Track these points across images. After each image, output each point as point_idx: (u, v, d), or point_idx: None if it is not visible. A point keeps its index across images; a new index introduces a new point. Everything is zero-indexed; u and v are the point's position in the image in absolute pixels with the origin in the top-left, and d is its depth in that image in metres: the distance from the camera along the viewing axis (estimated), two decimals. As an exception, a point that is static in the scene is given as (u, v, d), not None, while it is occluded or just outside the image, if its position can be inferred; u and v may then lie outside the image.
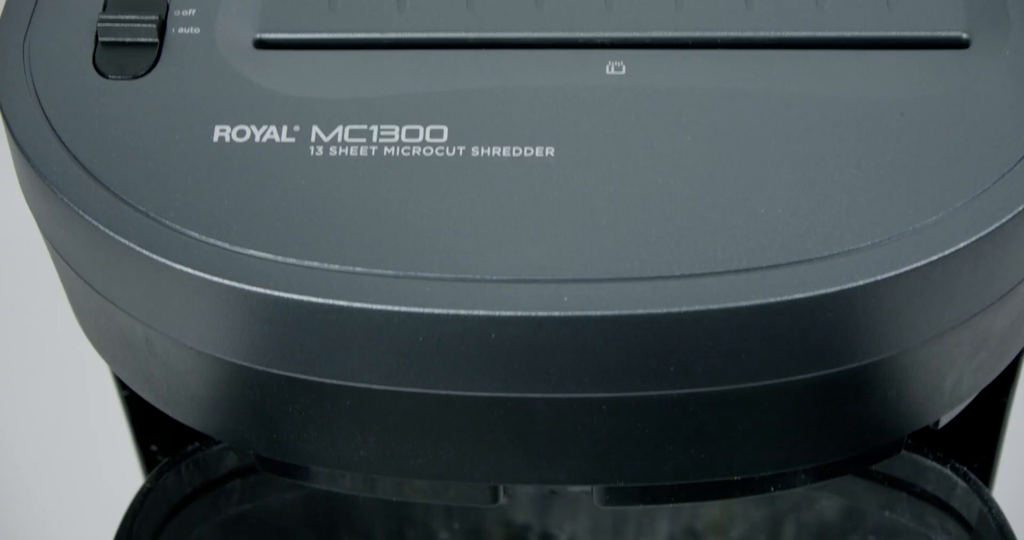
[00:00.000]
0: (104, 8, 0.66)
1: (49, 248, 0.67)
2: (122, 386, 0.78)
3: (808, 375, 0.59)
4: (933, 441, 0.78)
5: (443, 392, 0.59)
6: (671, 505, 0.86)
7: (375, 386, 0.59)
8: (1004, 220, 0.59)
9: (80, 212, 0.60)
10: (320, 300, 0.57)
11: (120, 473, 0.90)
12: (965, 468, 0.76)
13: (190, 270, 0.58)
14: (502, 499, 0.69)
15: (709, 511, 0.88)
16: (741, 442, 0.62)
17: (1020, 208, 0.59)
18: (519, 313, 0.57)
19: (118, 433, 0.85)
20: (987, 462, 0.79)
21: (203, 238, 0.59)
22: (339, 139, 0.62)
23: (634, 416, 0.60)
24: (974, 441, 0.79)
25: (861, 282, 0.57)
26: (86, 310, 0.67)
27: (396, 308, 0.57)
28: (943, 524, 0.80)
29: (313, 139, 0.62)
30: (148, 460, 0.85)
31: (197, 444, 0.79)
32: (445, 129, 0.62)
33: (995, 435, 0.78)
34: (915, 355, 0.61)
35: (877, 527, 0.84)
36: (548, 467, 0.62)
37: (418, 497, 0.68)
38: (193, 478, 0.80)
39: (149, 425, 0.81)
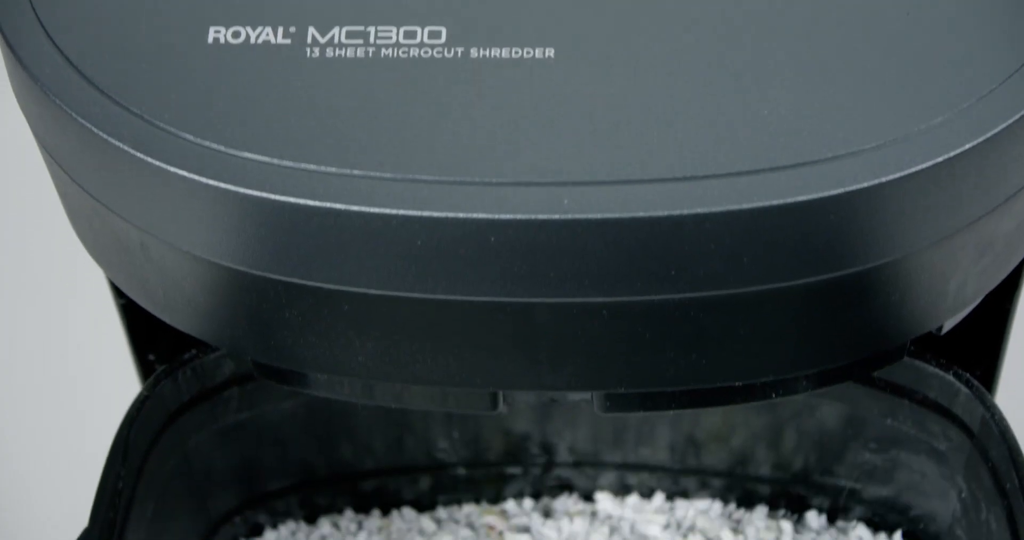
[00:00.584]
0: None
1: (43, 153, 0.66)
2: (119, 294, 0.78)
3: (811, 279, 0.59)
4: (936, 347, 0.77)
5: (442, 297, 0.59)
6: (671, 412, 0.86)
7: (373, 291, 0.59)
8: (1011, 121, 0.58)
9: (73, 115, 0.59)
10: (316, 203, 0.57)
11: (118, 382, 0.90)
12: (968, 374, 0.76)
13: (185, 173, 0.58)
14: (501, 407, 0.69)
15: (709, 420, 0.88)
16: (742, 348, 0.61)
17: (1027, 109, 0.58)
18: (519, 216, 0.56)
19: (115, 342, 0.84)
20: (990, 369, 0.79)
21: (198, 141, 0.58)
22: (335, 40, 0.61)
23: (635, 321, 0.59)
24: (977, 348, 0.78)
25: (865, 184, 0.56)
26: (81, 216, 0.67)
27: (394, 211, 0.56)
28: (945, 431, 0.80)
29: (309, 41, 0.61)
30: (146, 369, 0.85)
31: (194, 352, 0.79)
32: (443, 30, 0.61)
33: (998, 342, 0.78)
34: (919, 259, 0.60)
35: (879, 435, 0.84)
36: (548, 373, 0.62)
37: (417, 404, 0.68)
38: (190, 386, 0.80)
39: (146, 334, 0.81)
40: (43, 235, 1.14)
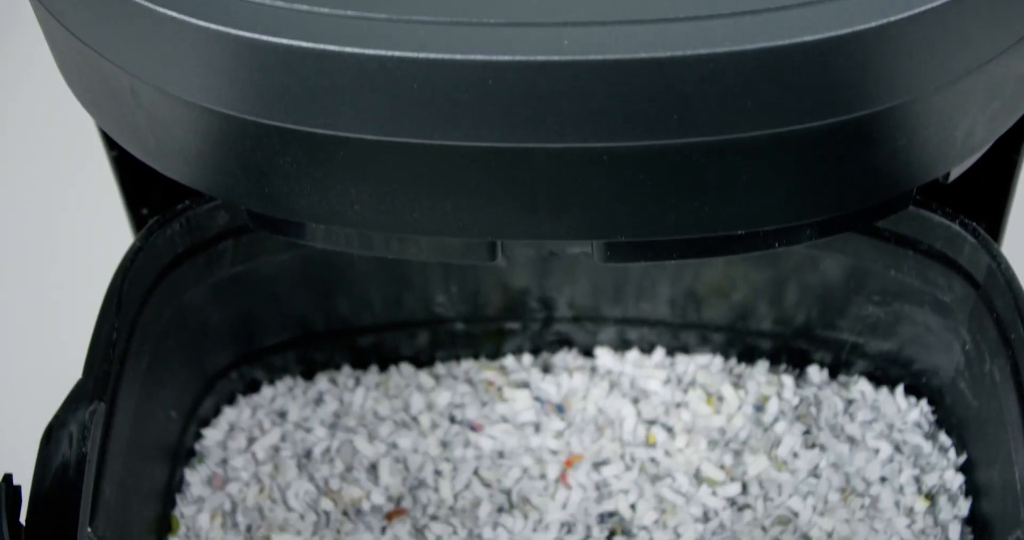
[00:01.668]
0: None
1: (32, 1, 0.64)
2: (111, 146, 0.77)
3: (816, 123, 0.57)
4: (942, 197, 0.77)
5: (439, 142, 0.57)
6: (672, 263, 0.85)
7: (369, 136, 0.58)
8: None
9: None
10: (310, 45, 0.55)
11: (111, 237, 0.89)
12: (974, 224, 0.75)
13: (175, 15, 0.56)
14: (500, 259, 0.68)
15: (710, 274, 0.87)
16: (745, 195, 0.60)
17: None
18: (517, 57, 0.55)
19: (108, 196, 0.83)
20: (996, 220, 0.78)
21: (188, -19, 0.57)
22: None
23: (636, 167, 0.58)
24: (983, 199, 0.77)
25: (873, 23, 0.55)
26: (70, 62, 0.65)
27: (389, 53, 0.55)
28: (949, 283, 0.79)
29: None
30: (139, 224, 0.84)
31: (188, 203, 0.78)
32: None
33: (1005, 192, 0.77)
34: (927, 102, 0.59)
35: (882, 287, 0.83)
36: (547, 221, 0.61)
37: (415, 254, 0.67)
38: (184, 238, 0.79)
39: (139, 187, 0.80)
40: (32, 86, 1.12)
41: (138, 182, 0.78)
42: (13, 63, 1.17)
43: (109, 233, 0.90)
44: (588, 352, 0.93)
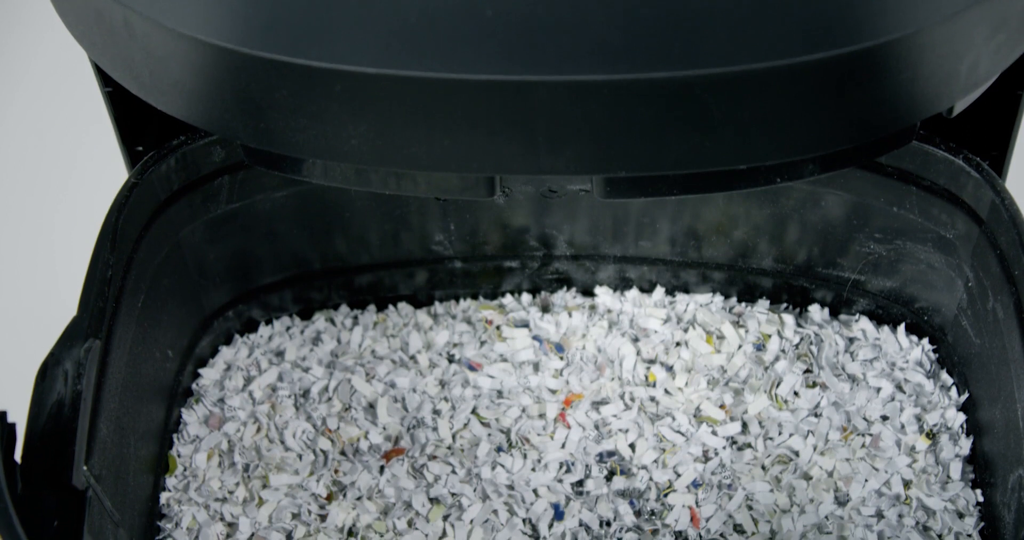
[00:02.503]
0: None
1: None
2: (105, 81, 0.76)
3: (820, 55, 0.56)
4: (945, 132, 0.76)
5: (437, 75, 0.56)
6: (673, 198, 0.85)
7: (366, 69, 0.57)
8: None
9: None
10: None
11: (106, 175, 0.88)
12: (978, 159, 0.74)
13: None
14: (499, 196, 0.68)
15: (711, 212, 0.86)
16: (747, 129, 0.59)
17: None
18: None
19: (103, 134, 0.82)
20: (1000, 157, 0.77)
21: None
22: None
23: (636, 100, 0.57)
24: (987, 134, 0.76)
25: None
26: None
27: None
28: (952, 219, 0.79)
29: None
30: (134, 162, 0.82)
31: (183, 138, 0.77)
32: None
33: (1009, 128, 0.76)
34: (932, 34, 0.58)
35: (884, 225, 0.83)
36: (547, 156, 0.60)
37: (413, 190, 0.66)
38: (179, 174, 0.78)
39: (134, 124, 0.79)
40: (27, 23, 1.11)
41: (133, 118, 0.77)
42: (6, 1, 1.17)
43: (104, 171, 0.89)
44: (587, 291, 0.92)
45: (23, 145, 1.10)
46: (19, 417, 0.64)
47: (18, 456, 0.63)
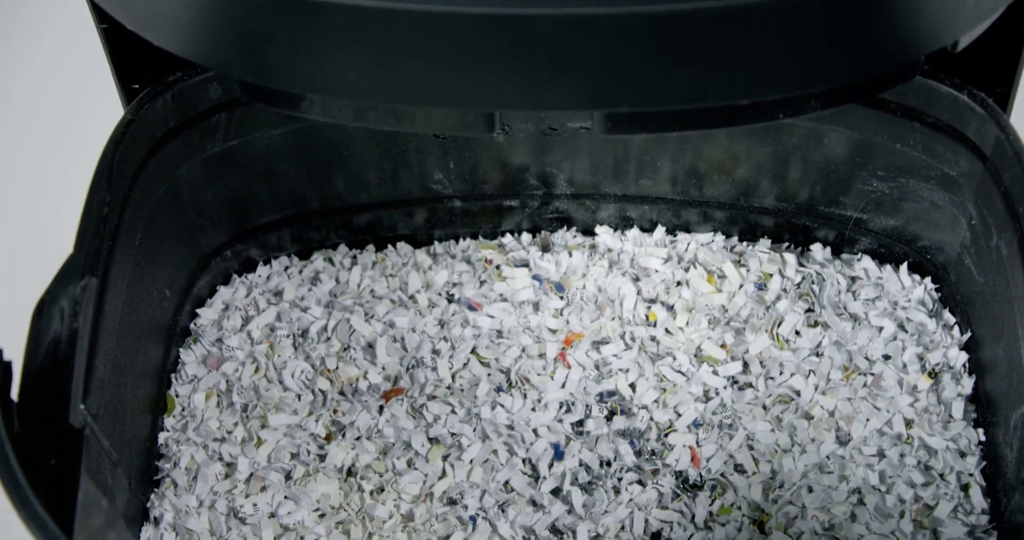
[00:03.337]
0: None
1: None
2: (101, 17, 0.75)
3: (824, -13, 0.56)
4: (950, 67, 0.75)
5: (437, 8, 0.56)
6: (674, 135, 0.84)
7: (365, 2, 0.56)
8: None
9: None
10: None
11: (102, 114, 0.88)
12: (982, 94, 0.74)
13: None
14: (498, 133, 0.67)
15: (712, 151, 0.86)
16: (749, 62, 0.59)
17: None
18: (515, -83, 0.53)
19: (100, 72, 0.82)
20: (1004, 93, 0.76)
21: None
22: None
23: (638, 34, 0.56)
24: (992, 70, 0.76)
25: None
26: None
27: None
28: (956, 156, 0.78)
29: None
30: (131, 100, 0.82)
31: (179, 74, 0.76)
32: None
33: (1013, 63, 0.75)
34: (938, -36, 0.57)
35: (887, 162, 0.82)
36: (547, 91, 0.59)
37: (412, 126, 0.66)
38: (176, 111, 0.77)
39: (130, 61, 0.78)
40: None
41: (129, 55, 0.77)
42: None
43: (100, 109, 0.89)
44: (588, 230, 0.91)
45: (19, 83, 1.10)
46: (15, 356, 0.63)
47: (15, 394, 0.62)
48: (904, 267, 0.87)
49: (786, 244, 0.90)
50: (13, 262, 0.96)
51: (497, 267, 0.89)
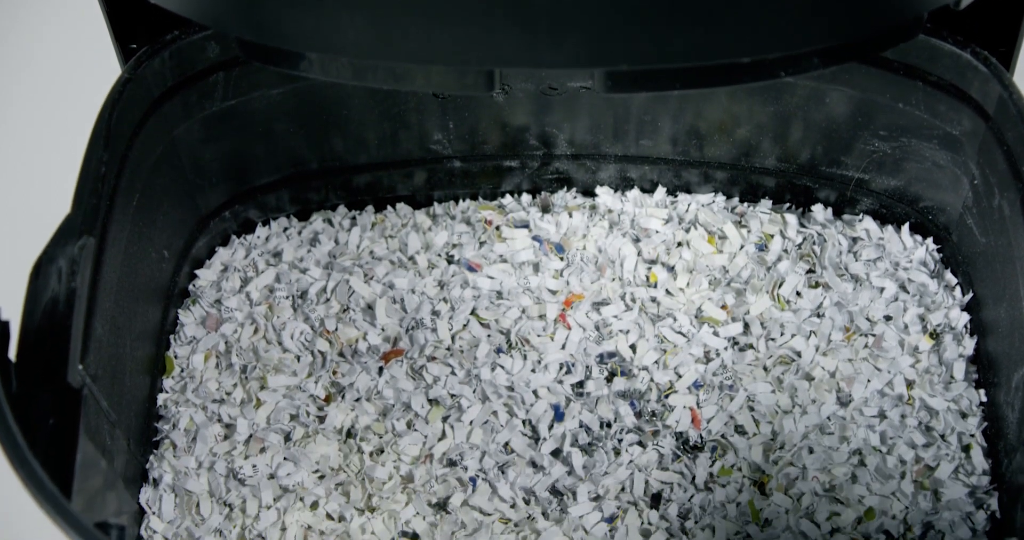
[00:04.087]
0: None
1: None
2: (96, -24, 0.74)
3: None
4: (953, 25, 0.74)
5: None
6: (675, 94, 0.83)
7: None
8: None
9: None
10: None
11: (99, 74, 0.87)
12: (986, 52, 0.73)
13: None
14: (498, 93, 0.67)
15: (713, 111, 0.85)
16: (751, 18, 0.58)
17: None
18: None
19: (97, 31, 0.81)
20: (1007, 54, 0.76)
21: None
22: None
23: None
24: (995, 29, 0.75)
25: None
26: None
27: None
28: (959, 115, 0.78)
29: None
30: (128, 60, 0.81)
31: (177, 33, 0.76)
32: None
33: (1017, 22, 0.74)
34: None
35: (889, 122, 0.82)
36: (547, 48, 0.59)
37: (411, 85, 0.65)
38: (173, 70, 0.77)
39: (127, 20, 0.77)
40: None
41: (126, 14, 0.76)
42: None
43: (97, 68, 0.88)
44: (588, 191, 0.91)
45: (16, 43, 1.09)
46: (13, 316, 0.63)
47: (13, 354, 0.62)
48: (906, 227, 0.87)
49: (787, 205, 0.90)
50: (11, 222, 0.96)
51: (497, 228, 0.89)
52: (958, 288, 0.84)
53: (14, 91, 1.06)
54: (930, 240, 0.86)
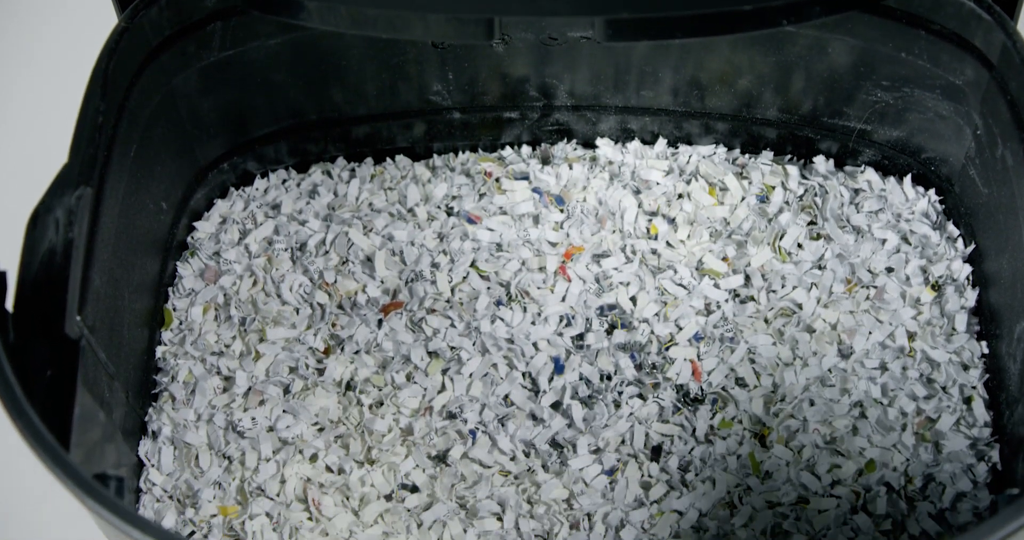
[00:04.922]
0: None
1: None
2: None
3: None
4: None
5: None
6: (676, 43, 0.83)
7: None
8: None
9: None
10: None
11: (97, 23, 0.86)
12: (989, 0, 0.72)
13: None
14: (497, 42, 0.66)
15: (714, 61, 0.84)
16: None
17: None
18: None
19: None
20: (1011, 2, 0.75)
21: None
22: None
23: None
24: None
25: None
26: None
27: None
28: (962, 65, 0.77)
29: None
30: (125, 8, 0.81)
31: (173, -19, 0.75)
32: None
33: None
34: None
35: (891, 72, 0.81)
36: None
37: (410, 33, 0.65)
38: (171, 19, 0.76)
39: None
40: None
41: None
42: None
43: (94, 17, 0.87)
44: (588, 143, 0.90)
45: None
46: (10, 266, 0.63)
47: (10, 305, 0.62)
48: (908, 179, 0.86)
49: (789, 156, 0.89)
50: (7, 172, 0.95)
51: (497, 180, 0.88)
52: (960, 240, 0.84)
53: (10, 40, 1.05)
54: (932, 191, 0.86)
